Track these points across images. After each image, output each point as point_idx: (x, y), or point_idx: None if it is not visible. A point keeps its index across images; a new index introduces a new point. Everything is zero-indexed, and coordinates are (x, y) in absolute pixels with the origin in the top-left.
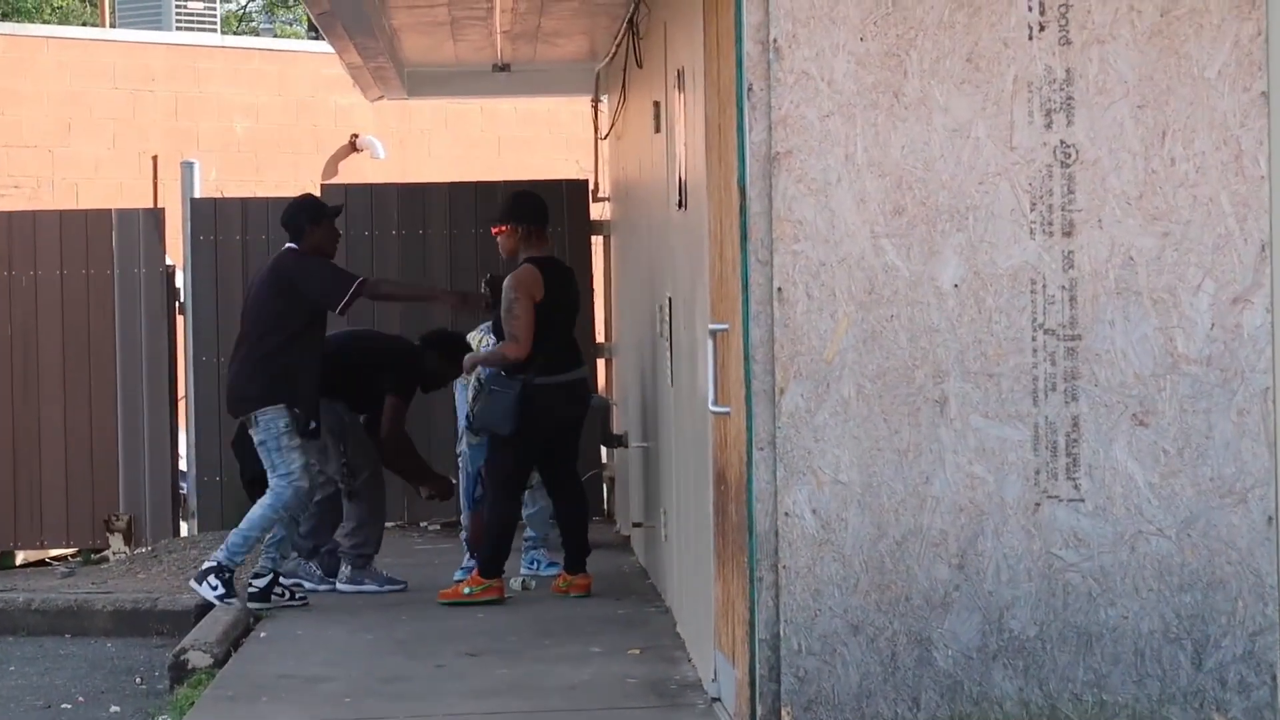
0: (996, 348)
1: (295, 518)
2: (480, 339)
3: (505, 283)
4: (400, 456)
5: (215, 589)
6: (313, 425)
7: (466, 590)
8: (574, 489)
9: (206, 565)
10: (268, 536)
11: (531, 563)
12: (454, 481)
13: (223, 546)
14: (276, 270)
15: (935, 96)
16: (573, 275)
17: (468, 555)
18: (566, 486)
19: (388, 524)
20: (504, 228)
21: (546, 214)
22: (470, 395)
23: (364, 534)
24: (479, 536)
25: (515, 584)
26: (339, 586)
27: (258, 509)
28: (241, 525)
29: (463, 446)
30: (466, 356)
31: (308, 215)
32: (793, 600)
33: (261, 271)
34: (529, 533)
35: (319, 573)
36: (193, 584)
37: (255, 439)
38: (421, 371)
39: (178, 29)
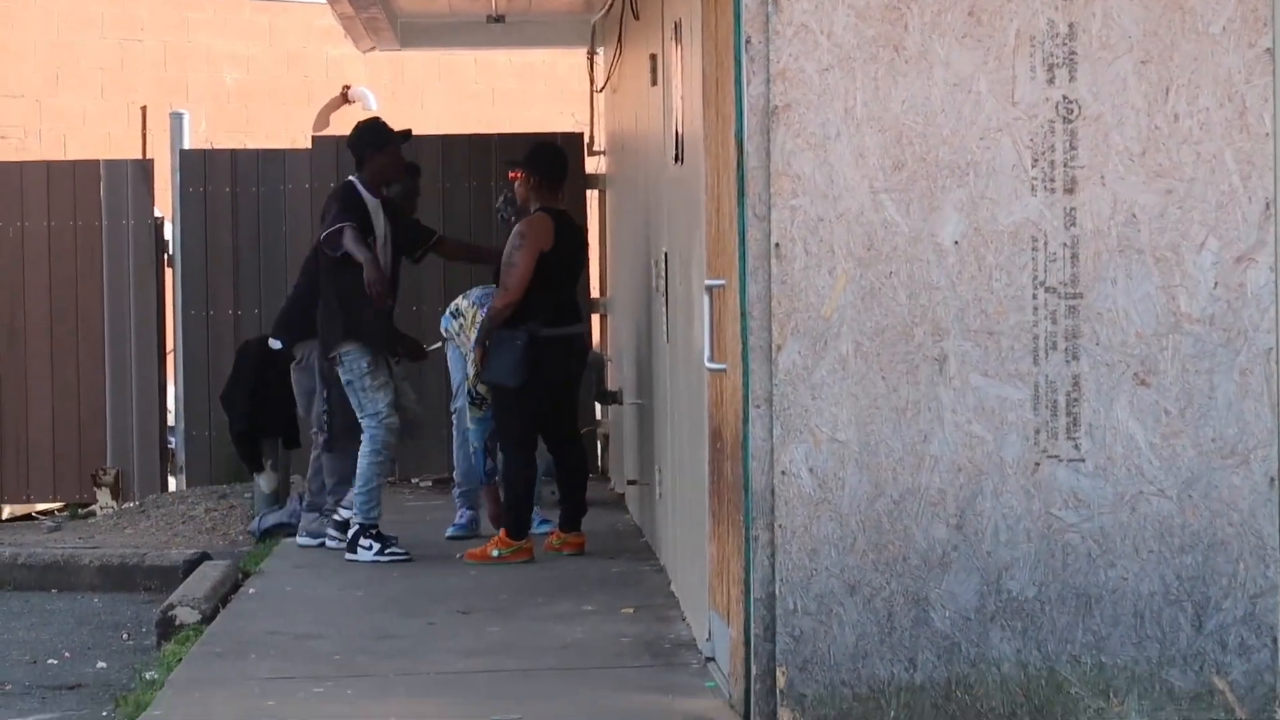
0: (997, 305)
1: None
2: (474, 311)
3: (515, 228)
4: (372, 268)
5: (370, 548)
6: (394, 361)
7: (495, 552)
8: (576, 448)
9: (351, 533)
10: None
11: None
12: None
13: (355, 510)
14: (325, 204)
15: (936, 50)
16: (581, 233)
17: (460, 512)
18: (568, 445)
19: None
20: (519, 173)
21: (564, 170)
22: (471, 360)
23: (345, 491)
24: (499, 514)
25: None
26: (299, 541)
27: (362, 459)
28: (357, 482)
29: (458, 403)
30: (474, 340)
31: (369, 141)
32: (789, 560)
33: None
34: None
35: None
36: (349, 557)
37: (342, 379)
38: (354, 201)
39: None
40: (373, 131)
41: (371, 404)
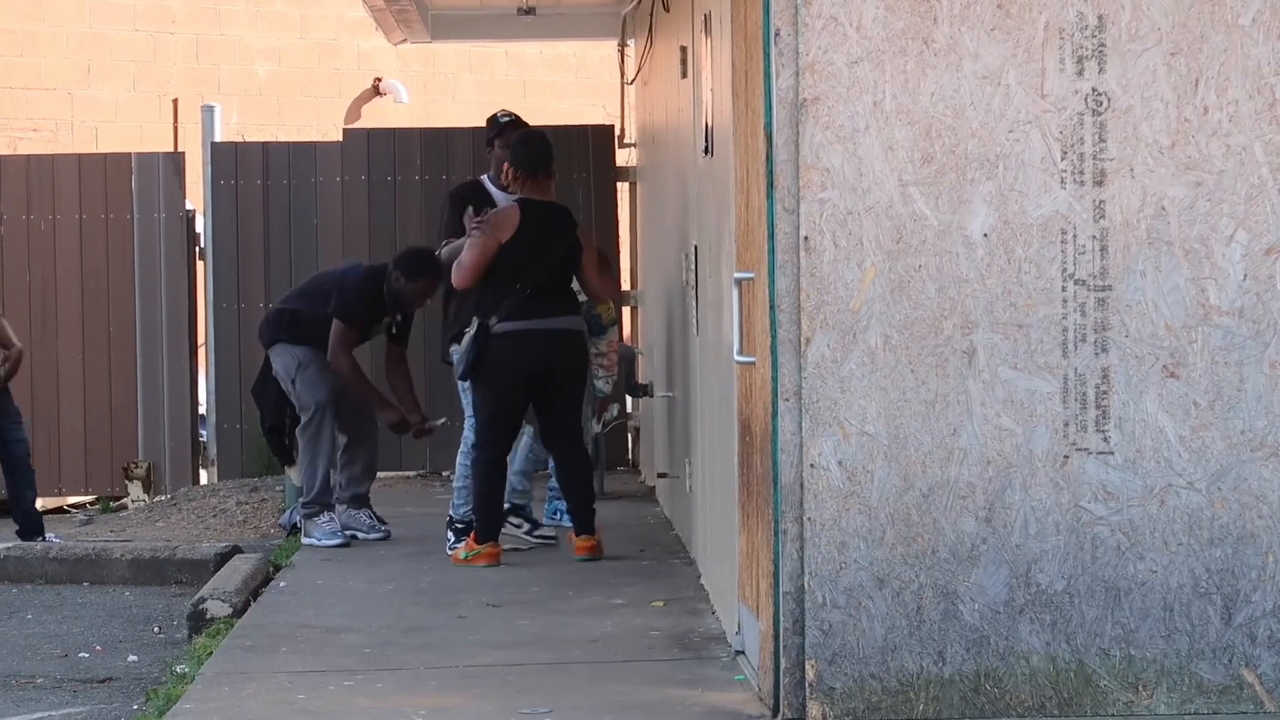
0: (1026, 298)
1: None
2: None
3: None
4: (351, 383)
5: (520, 526)
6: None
7: (463, 555)
8: (568, 448)
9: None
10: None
11: (554, 513)
12: (426, 422)
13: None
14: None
15: (965, 43)
16: (567, 223)
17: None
18: (558, 447)
19: (408, 473)
20: (505, 166)
21: (541, 160)
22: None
23: (309, 480)
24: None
25: (546, 531)
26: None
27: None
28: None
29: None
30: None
31: (487, 137)
32: (818, 553)
33: None
34: (552, 481)
35: (369, 521)
36: (505, 528)
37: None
38: (373, 296)
39: None
40: (488, 128)
41: (468, 406)
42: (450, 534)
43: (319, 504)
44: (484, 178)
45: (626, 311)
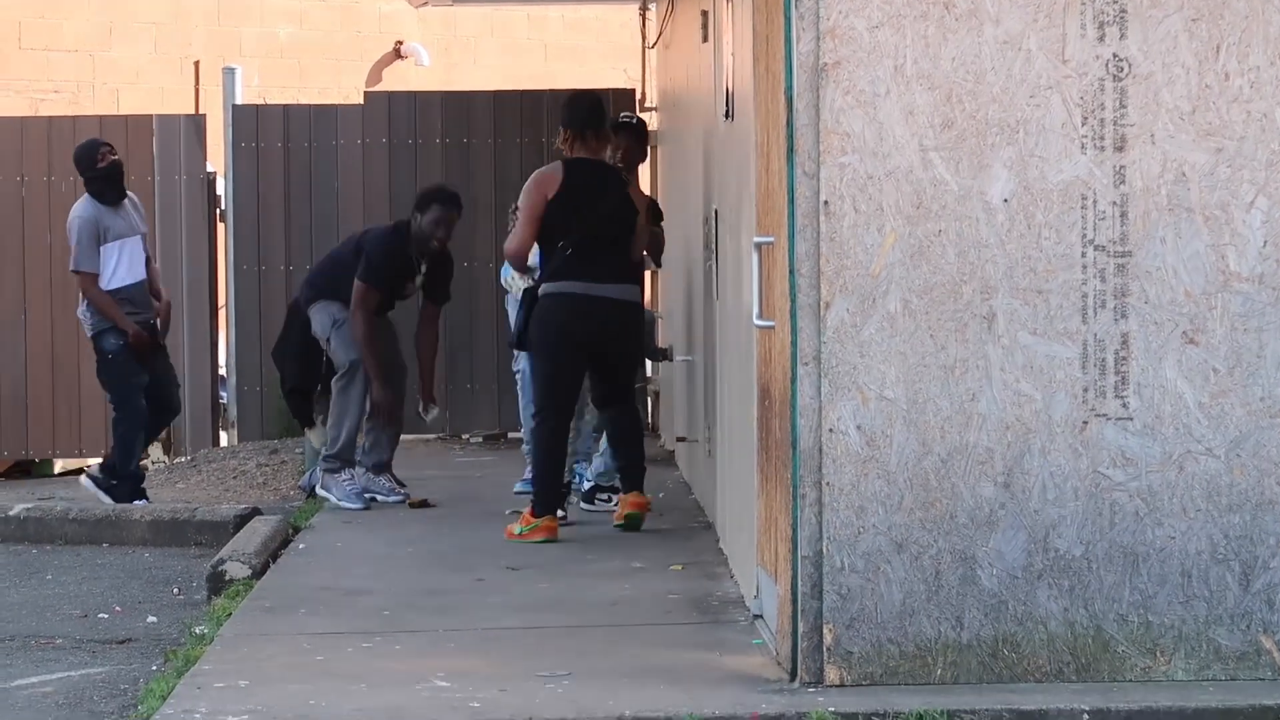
0: (1046, 264)
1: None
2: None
3: None
4: (361, 345)
5: (609, 500)
6: None
7: (517, 530)
8: (617, 409)
9: (586, 490)
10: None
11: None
12: (430, 407)
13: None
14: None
15: (986, 8)
16: (616, 183)
17: (529, 467)
18: (609, 407)
19: (428, 436)
20: (561, 131)
21: (592, 118)
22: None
23: (334, 433)
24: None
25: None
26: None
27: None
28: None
29: (519, 365)
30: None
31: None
32: (836, 517)
33: None
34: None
35: (388, 484)
36: (585, 506)
37: None
38: (395, 251)
39: None
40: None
41: None
42: (602, 496)
43: (341, 460)
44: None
45: (647, 276)
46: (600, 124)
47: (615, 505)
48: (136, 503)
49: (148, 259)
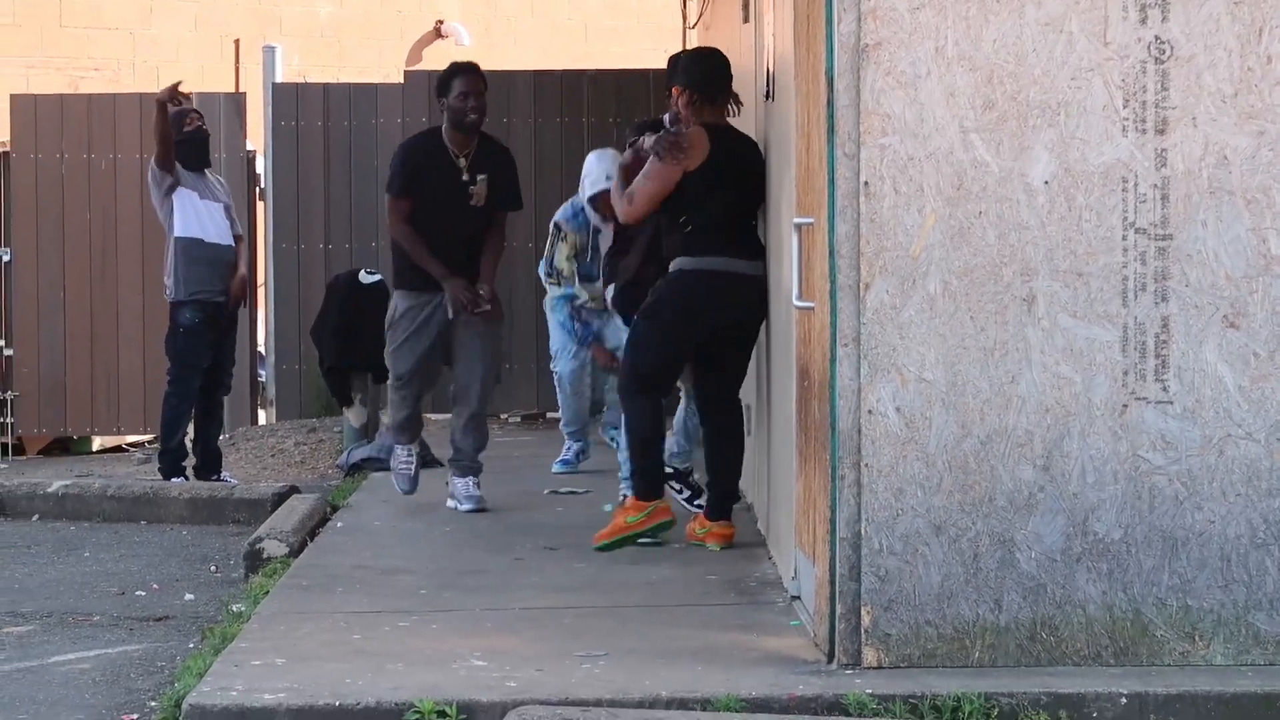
0: (1086, 246)
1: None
2: (575, 238)
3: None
4: (410, 252)
5: (681, 492)
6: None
7: (628, 520)
8: (723, 420)
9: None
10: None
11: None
12: (483, 300)
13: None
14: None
15: None
16: (757, 157)
17: (566, 446)
18: (716, 415)
19: None
20: (675, 89)
21: (723, 81)
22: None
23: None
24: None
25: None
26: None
27: None
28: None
29: (558, 366)
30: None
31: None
32: (875, 499)
33: None
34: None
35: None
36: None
37: None
38: (408, 155)
39: None
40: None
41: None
42: (675, 485)
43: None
44: (665, 117)
45: None
46: (730, 86)
47: (687, 500)
48: (174, 480)
49: (235, 235)
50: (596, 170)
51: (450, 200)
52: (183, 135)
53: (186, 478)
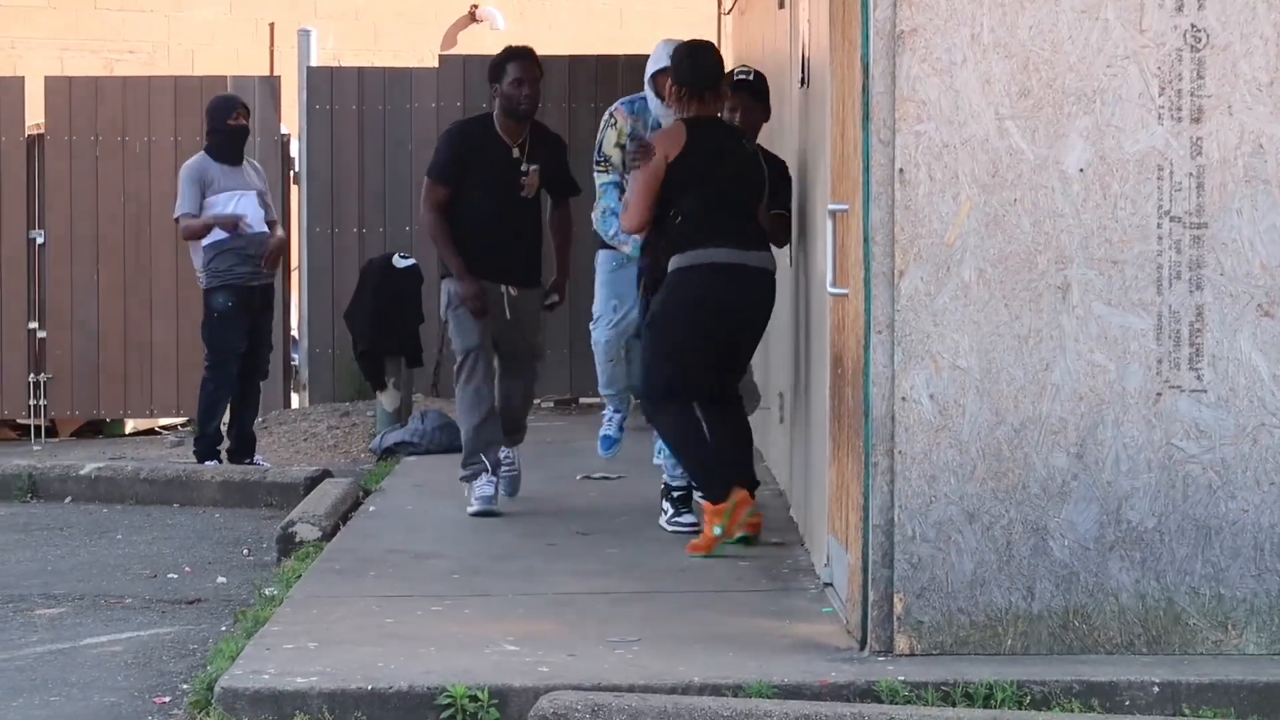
0: (1121, 234)
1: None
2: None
3: None
4: (433, 241)
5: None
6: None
7: (716, 530)
8: (729, 410)
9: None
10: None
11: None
12: (552, 296)
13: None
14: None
15: None
16: (744, 144)
17: (607, 419)
18: (719, 404)
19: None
20: (668, 84)
21: (707, 74)
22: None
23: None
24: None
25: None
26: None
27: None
28: None
29: (595, 332)
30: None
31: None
32: (908, 486)
33: None
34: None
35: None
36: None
37: None
38: (454, 139)
39: None
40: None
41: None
42: (666, 504)
43: (470, 466)
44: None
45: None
46: (719, 83)
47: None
48: (208, 464)
49: (270, 220)
50: (661, 51)
51: (500, 190)
52: (224, 127)
53: (220, 462)
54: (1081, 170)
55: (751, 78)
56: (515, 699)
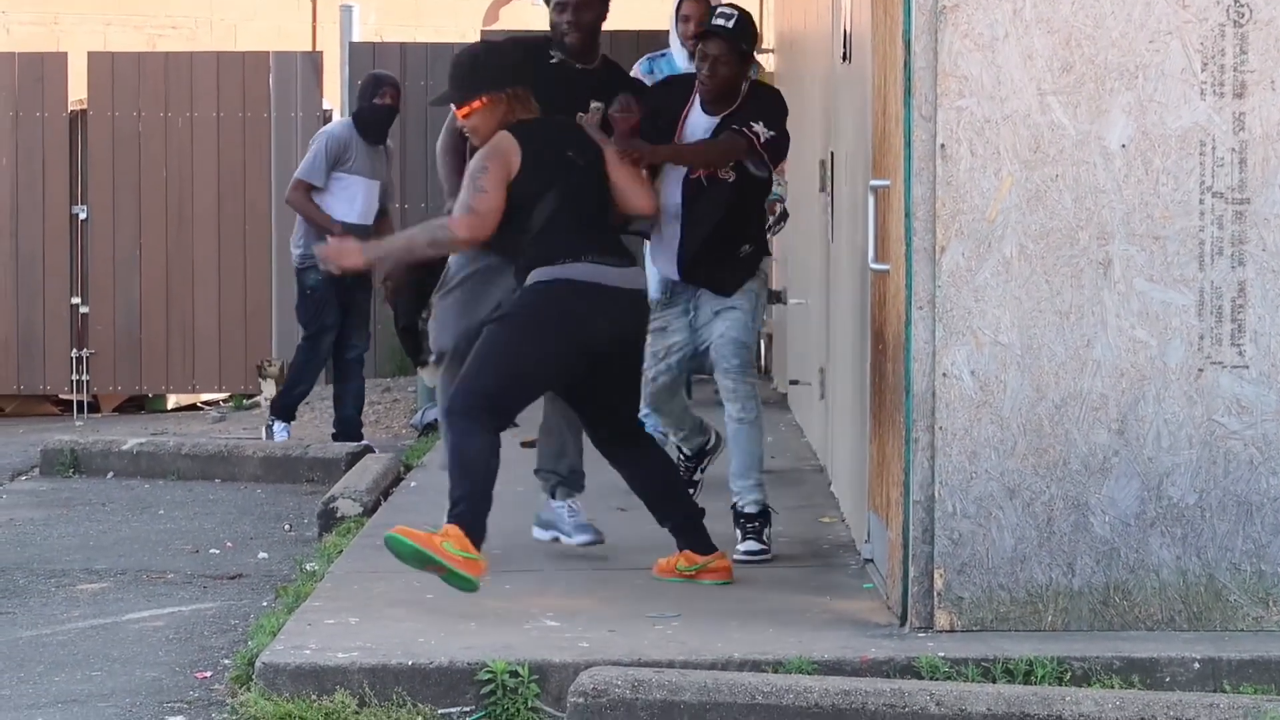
0: (1163, 210)
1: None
2: None
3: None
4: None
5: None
6: None
7: (445, 546)
8: (638, 452)
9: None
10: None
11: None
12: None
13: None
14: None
15: None
16: (572, 137)
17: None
18: (623, 452)
19: None
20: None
21: (496, 76)
22: None
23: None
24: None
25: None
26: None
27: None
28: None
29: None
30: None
31: None
32: (948, 462)
33: None
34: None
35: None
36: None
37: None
38: None
39: None
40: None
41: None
42: (736, 530)
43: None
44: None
45: None
46: (504, 81)
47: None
48: (276, 425)
49: (383, 209)
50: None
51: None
52: (370, 104)
53: (289, 426)
54: (1123, 146)
55: (729, 24)
56: (555, 674)
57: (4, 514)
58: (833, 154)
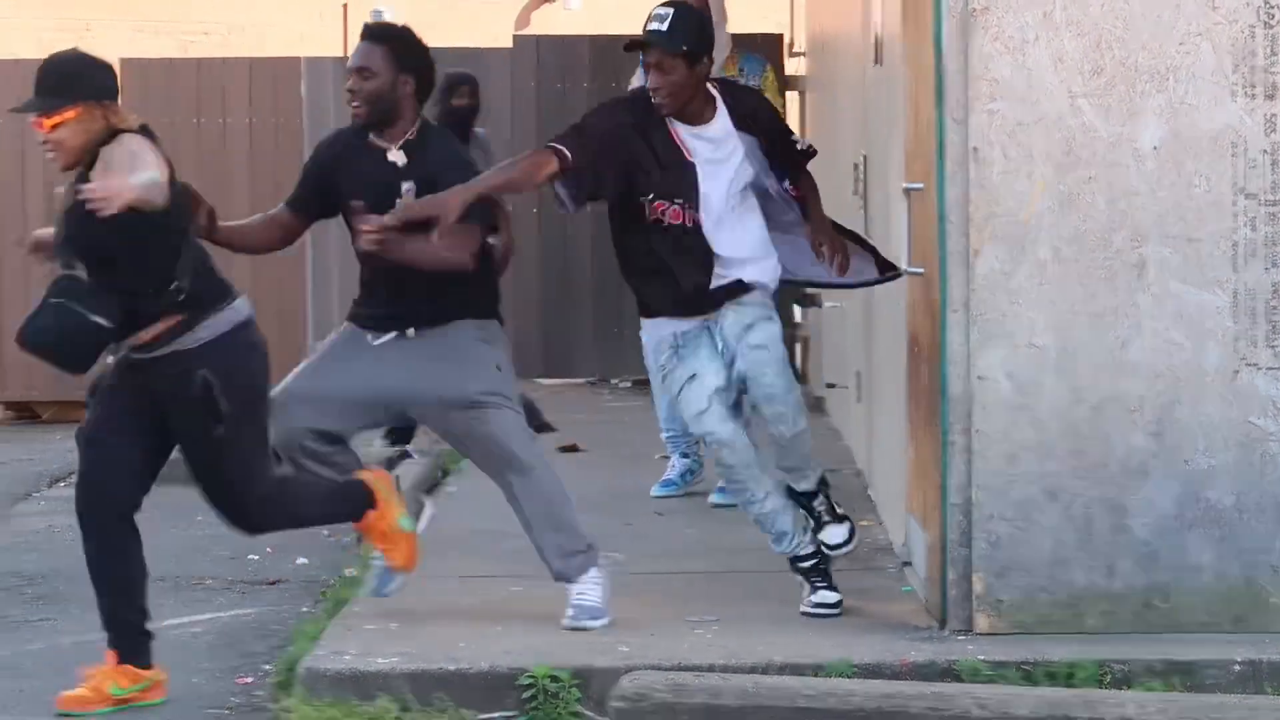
0: (1196, 212)
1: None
2: None
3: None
4: None
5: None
6: None
7: (112, 690)
8: (240, 512)
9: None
10: None
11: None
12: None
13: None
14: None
15: None
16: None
17: (670, 462)
18: (230, 509)
19: (577, 381)
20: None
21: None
22: None
23: None
24: None
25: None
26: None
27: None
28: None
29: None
30: None
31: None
32: (986, 465)
33: None
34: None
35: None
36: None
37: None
38: None
39: None
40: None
41: None
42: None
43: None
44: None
45: None
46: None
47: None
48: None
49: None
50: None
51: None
52: (450, 108)
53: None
54: (1155, 148)
55: (662, 26)
56: (596, 679)
57: (42, 520)
58: (866, 157)
